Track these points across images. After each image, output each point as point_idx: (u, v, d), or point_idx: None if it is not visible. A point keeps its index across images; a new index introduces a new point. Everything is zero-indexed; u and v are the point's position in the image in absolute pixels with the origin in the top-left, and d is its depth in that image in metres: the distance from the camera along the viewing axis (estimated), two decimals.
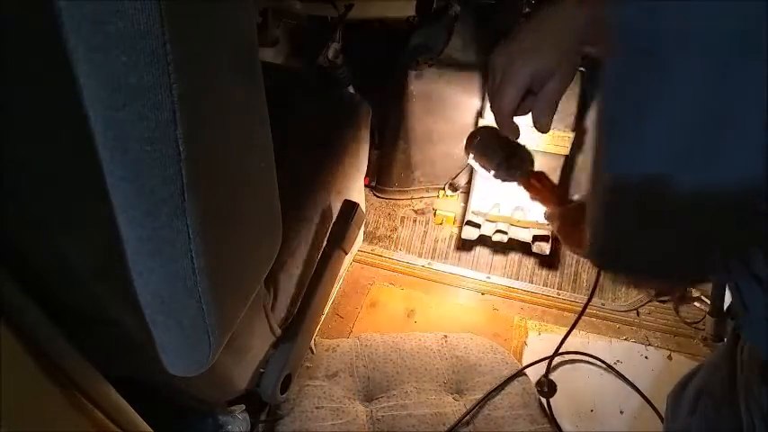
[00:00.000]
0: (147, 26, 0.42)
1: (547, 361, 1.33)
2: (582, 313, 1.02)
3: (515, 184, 0.85)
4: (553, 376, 1.37)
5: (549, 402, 1.28)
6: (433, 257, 1.66)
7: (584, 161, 1.59)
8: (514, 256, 1.65)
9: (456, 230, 1.69)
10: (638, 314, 1.52)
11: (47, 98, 0.50)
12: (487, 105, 1.53)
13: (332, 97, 1.32)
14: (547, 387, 1.29)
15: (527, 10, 1.18)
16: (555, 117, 1.28)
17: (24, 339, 0.59)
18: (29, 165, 0.55)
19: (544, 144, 1.53)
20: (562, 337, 1.44)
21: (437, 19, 1.69)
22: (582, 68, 1.49)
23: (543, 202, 0.82)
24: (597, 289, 1.59)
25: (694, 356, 1.42)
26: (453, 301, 1.54)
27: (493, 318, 1.51)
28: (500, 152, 0.82)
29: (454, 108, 1.59)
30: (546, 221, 0.85)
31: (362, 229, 1.56)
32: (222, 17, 0.53)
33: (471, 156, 0.86)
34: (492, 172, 0.85)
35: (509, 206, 1.65)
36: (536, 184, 0.84)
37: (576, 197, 0.79)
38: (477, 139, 0.84)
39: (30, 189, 0.57)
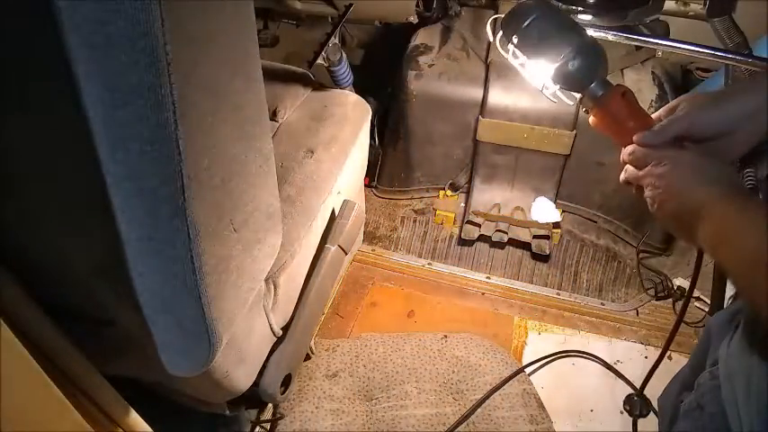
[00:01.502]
0: (147, 26, 0.42)
1: (644, 377, 0.99)
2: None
3: (576, 97, 0.58)
4: (553, 376, 1.37)
5: (635, 424, 1.00)
6: (433, 257, 1.66)
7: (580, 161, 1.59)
8: (514, 256, 1.65)
9: (456, 230, 1.69)
10: (637, 314, 1.52)
11: (47, 98, 0.50)
12: (488, 105, 1.54)
13: (332, 97, 1.32)
14: (639, 408, 1.00)
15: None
16: (555, 116, 1.27)
17: (24, 339, 0.59)
18: (29, 165, 0.55)
19: (544, 143, 1.54)
20: (562, 336, 1.44)
21: (437, 19, 1.70)
22: None
23: (620, 134, 0.57)
24: (597, 289, 1.60)
25: None
26: (453, 301, 1.54)
27: (493, 318, 1.51)
28: (567, 46, 0.55)
29: (454, 108, 1.59)
30: (624, 170, 0.57)
31: (362, 229, 1.56)
32: (222, 17, 0.53)
33: (514, 41, 0.58)
34: (554, 70, 0.57)
35: (509, 206, 1.65)
36: (619, 105, 0.56)
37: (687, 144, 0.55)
38: (531, 19, 0.56)
39: (30, 189, 0.57)
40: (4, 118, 0.51)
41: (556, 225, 1.62)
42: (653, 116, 0.58)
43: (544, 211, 1.62)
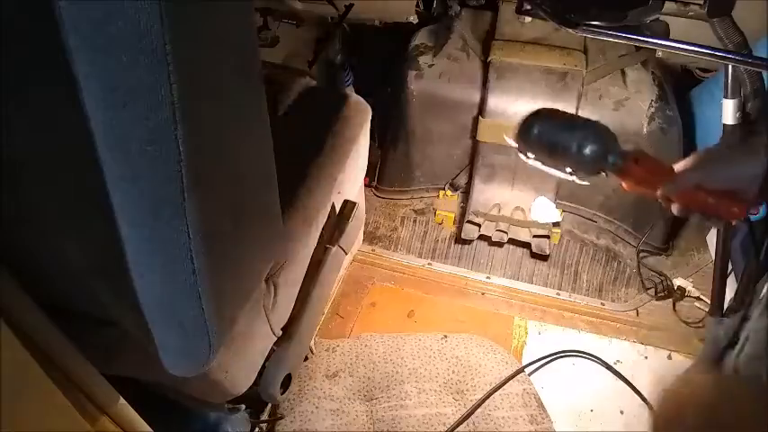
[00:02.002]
0: (147, 26, 0.42)
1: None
2: None
3: (603, 175, 0.64)
4: (553, 376, 1.37)
5: None
6: (433, 257, 1.66)
7: None
8: (514, 256, 1.65)
9: (456, 230, 1.69)
10: (637, 314, 1.52)
11: (47, 98, 0.50)
12: (488, 105, 1.54)
13: (332, 97, 1.32)
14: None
15: (525, 8, 1.17)
16: None
17: (24, 339, 0.59)
18: (29, 165, 0.55)
19: None
20: (562, 337, 1.44)
21: (437, 19, 1.69)
22: None
23: (652, 187, 0.64)
24: (597, 289, 1.60)
25: (694, 356, 1.41)
26: (453, 301, 1.54)
27: (493, 318, 1.51)
28: (574, 140, 0.62)
29: (454, 108, 1.59)
30: (664, 203, 0.64)
31: (362, 229, 1.56)
32: (222, 17, 0.53)
33: (531, 155, 0.65)
34: (569, 170, 0.64)
35: (509, 206, 1.65)
36: (637, 169, 0.62)
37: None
38: (535, 130, 0.63)
39: (30, 189, 0.57)
40: (3, 118, 0.51)
41: (556, 225, 1.62)
42: (676, 167, 0.63)
43: (544, 211, 1.62)
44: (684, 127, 1.51)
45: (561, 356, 1.41)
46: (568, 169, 0.64)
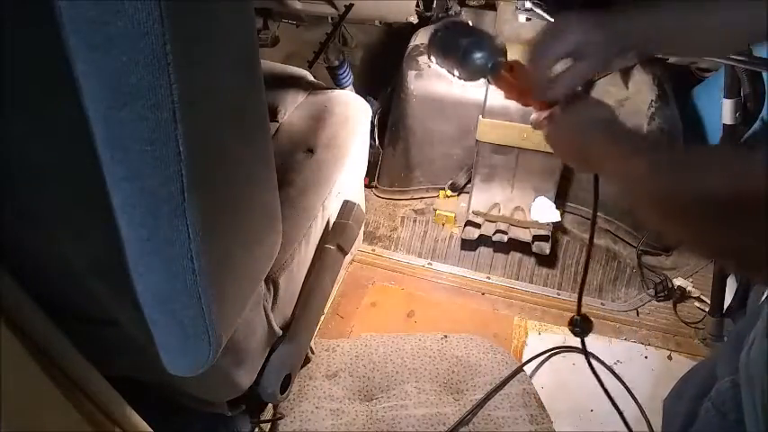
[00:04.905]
0: (147, 26, 0.42)
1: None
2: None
3: (485, 81, 0.71)
4: (553, 376, 1.37)
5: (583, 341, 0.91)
6: (432, 257, 1.66)
7: None
8: (514, 256, 1.65)
9: (456, 230, 1.69)
10: (637, 314, 1.52)
11: (47, 98, 0.50)
12: (488, 105, 1.54)
13: (332, 97, 1.32)
14: (579, 326, 0.89)
15: (526, 7, 1.17)
16: None
17: (24, 339, 0.59)
18: (29, 165, 0.55)
19: (544, 143, 1.53)
20: (562, 336, 1.44)
21: (437, 19, 1.69)
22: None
23: (522, 99, 0.69)
24: (597, 289, 1.60)
25: (694, 356, 1.41)
26: (453, 301, 1.54)
27: (493, 318, 1.51)
28: (461, 45, 0.68)
29: (454, 108, 1.59)
30: (535, 128, 0.71)
31: (362, 229, 1.56)
32: (222, 17, 0.53)
33: (434, 58, 0.73)
34: (455, 72, 0.71)
35: (509, 206, 1.65)
36: (508, 76, 0.67)
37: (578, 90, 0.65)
38: (438, 36, 0.71)
39: (30, 189, 0.57)
40: (3, 118, 0.51)
41: (556, 225, 1.62)
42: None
43: (544, 211, 1.62)
44: (684, 127, 1.51)
45: (560, 353, 1.41)
46: (456, 72, 0.70)
